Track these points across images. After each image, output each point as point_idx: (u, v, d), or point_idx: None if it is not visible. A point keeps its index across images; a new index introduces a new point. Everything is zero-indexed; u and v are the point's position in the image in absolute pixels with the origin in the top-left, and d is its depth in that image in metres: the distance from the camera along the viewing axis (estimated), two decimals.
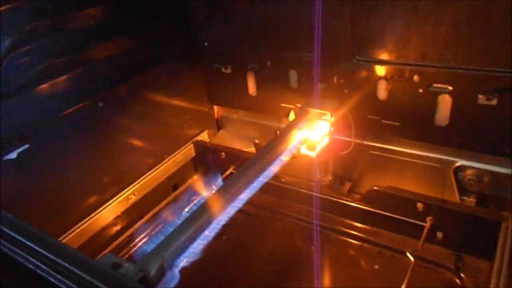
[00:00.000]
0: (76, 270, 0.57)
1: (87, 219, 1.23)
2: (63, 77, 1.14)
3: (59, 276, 0.58)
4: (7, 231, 0.64)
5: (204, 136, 1.63)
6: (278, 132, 1.02)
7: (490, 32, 1.01)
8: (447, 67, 1.10)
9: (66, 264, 0.59)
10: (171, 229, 0.78)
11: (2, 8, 1.01)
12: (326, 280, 1.20)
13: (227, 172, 1.42)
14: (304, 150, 1.10)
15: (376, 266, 1.19)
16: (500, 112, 1.07)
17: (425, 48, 1.11)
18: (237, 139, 1.64)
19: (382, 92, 1.23)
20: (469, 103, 1.10)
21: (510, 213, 1.05)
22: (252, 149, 1.59)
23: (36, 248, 0.61)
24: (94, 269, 0.58)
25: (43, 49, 1.10)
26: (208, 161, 1.54)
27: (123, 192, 1.33)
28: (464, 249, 1.14)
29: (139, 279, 0.62)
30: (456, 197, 1.24)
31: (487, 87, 1.06)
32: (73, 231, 1.19)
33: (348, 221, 1.31)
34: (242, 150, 1.52)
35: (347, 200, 1.31)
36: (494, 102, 1.06)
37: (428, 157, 1.27)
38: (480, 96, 1.07)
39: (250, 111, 1.59)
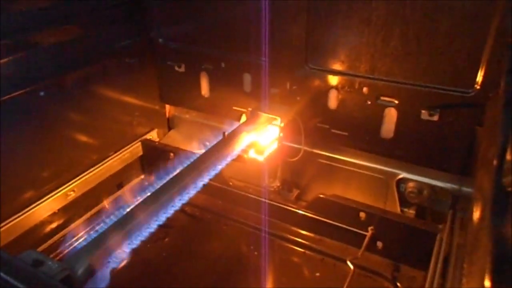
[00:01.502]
0: None
1: (19, 214, 1.16)
2: (3, 61, 1.07)
3: None
4: None
5: (153, 135, 1.59)
6: (225, 133, 1.00)
7: (435, 50, 1.05)
8: (394, 81, 1.14)
9: None
10: (106, 227, 0.74)
11: None
12: (268, 286, 1.20)
13: (175, 173, 1.38)
14: (252, 154, 1.09)
15: (318, 274, 1.20)
16: (441, 128, 1.12)
17: (375, 61, 1.14)
18: (187, 140, 1.61)
19: (332, 101, 1.25)
20: (413, 118, 1.14)
21: (445, 225, 1.09)
22: (203, 151, 1.56)
23: None
24: (12, 266, 0.54)
25: None
26: (156, 161, 1.49)
27: (62, 188, 1.27)
28: (402, 259, 1.17)
29: (62, 278, 0.57)
30: (398, 208, 1.28)
31: (430, 103, 1.10)
32: (3, 225, 1.12)
33: (293, 228, 1.32)
34: (191, 152, 1.49)
35: (293, 207, 1.31)
36: (435, 118, 1.11)
37: (373, 168, 1.30)
38: (423, 111, 1.11)
39: (202, 112, 1.56)
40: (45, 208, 1.22)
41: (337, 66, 1.21)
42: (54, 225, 1.26)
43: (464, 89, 1.05)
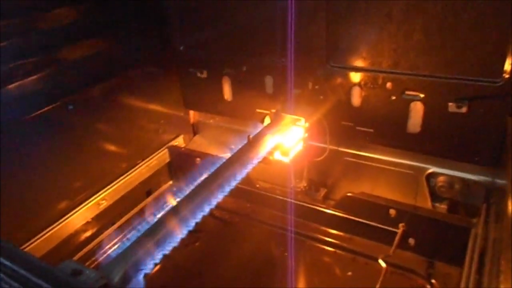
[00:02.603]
0: (33, 278, 0.55)
1: (55, 225, 1.19)
2: (32, 78, 1.11)
3: (16, 284, 0.55)
4: None
5: (179, 141, 1.61)
6: (250, 136, 1.01)
7: (459, 42, 1.03)
8: (418, 75, 1.12)
9: (23, 272, 0.56)
10: (139, 234, 0.76)
11: None
12: (301, 287, 1.20)
13: (202, 178, 1.40)
14: (278, 156, 1.09)
15: (350, 273, 1.19)
16: (470, 120, 1.09)
17: (398, 56, 1.12)
18: (213, 145, 1.63)
19: (356, 98, 1.23)
20: (440, 111, 1.12)
21: (479, 219, 1.06)
22: (229, 155, 1.57)
23: None
24: (53, 276, 0.56)
25: (11, 49, 1.07)
26: (183, 166, 1.52)
27: (94, 197, 1.30)
28: (435, 255, 1.15)
29: (100, 287, 0.59)
30: (429, 204, 1.25)
31: (457, 95, 1.08)
32: (41, 236, 1.16)
33: (322, 228, 1.31)
34: (217, 156, 1.50)
35: (321, 207, 1.31)
36: (464, 109, 1.08)
37: (401, 163, 1.28)
38: (450, 103, 1.09)
39: (225, 116, 1.57)
40: (79, 217, 1.26)
41: (359, 63, 1.19)
42: (88, 233, 1.30)
43: (492, 79, 1.02)
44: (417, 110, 1.16)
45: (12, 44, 1.06)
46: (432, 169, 1.23)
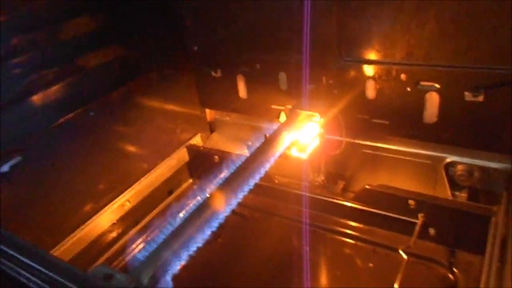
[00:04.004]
0: (68, 284, 0.58)
1: (82, 227, 1.24)
2: (54, 88, 1.15)
3: None
4: None
5: (197, 140, 1.64)
6: (267, 135, 1.03)
7: (474, 30, 1.02)
8: (433, 65, 1.11)
9: (58, 278, 0.59)
10: (164, 236, 0.79)
11: None
12: (323, 279, 1.22)
13: (221, 176, 1.42)
14: (294, 153, 1.11)
15: (371, 264, 1.20)
16: (487, 108, 1.08)
17: (411, 47, 1.12)
18: (230, 141, 1.65)
19: (370, 91, 1.24)
20: (457, 100, 1.11)
21: (500, 207, 1.06)
22: (246, 151, 1.59)
23: (28, 261, 0.62)
24: (86, 282, 0.59)
25: (34, 60, 1.11)
26: (202, 164, 1.54)
27: (118, 198, 1.34)
28: (457, 244, 1.15)
29: None
30: (448, 193, 1.25)
31: (473, 84, 1.07)
32: (69, 239, 1.20)
33: (342, 220, 1.33)
34: (235, 153, 1.53)
35: (340, 200, 1.32)
36: (480, 98, 1.08)
37: (418, 154, 1.28)
38: (466, 92, 1.08)
39: (241, 113, 1.59)
40: (105, 219, 1.30)
41: (372, 56, 1.19)
42: (114, 234, 1.34)
43: (508, 66, 1.01)
44: (432, 101, 1.15)
45: (34, 56, 1.10)
46: (450, 158, 1.23)
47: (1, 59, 1.04)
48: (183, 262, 0.78)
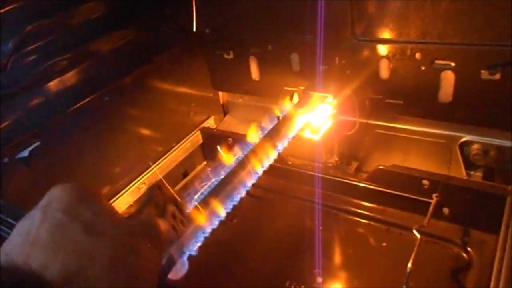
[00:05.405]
0: None
1: None
2: (69, 74, 1.16)
3: None
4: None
5: (210, 123, 1.65)
6: (280, 117, 1.03)
7: (490, 7, 1.00)
8: (448, 43, 1.09)
9: None
10: None
11: (3, 10, 1.02)
12: (336, 259, 1.23)
13: (235, 158, 1.44)
14: (307, 134, 1.11)
15: (384, 244, 1.21)
16: (503, 86, 1.07)
17: (426, 25, 1.10)
18: (243, 123, 1.66)
19: (384, 71, 1.22)
20: (472, 79, 1.09)
21: None
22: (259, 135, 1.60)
23: None
24: None
25: (47, 47, 1.12)
26: (216, 147, 1.55)
27: (134, 181, 1.37)
28: (471, 224, 1.15)
29: None
30: (463, 172, 1.25)
31: (490, 62, 1.05)
32: None
33: (355, 201, 1.33)
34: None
35: (353, 180, 1.32)
36: (497, 76, 1.06)
37: (433, 133, 1.27)
38: (482, 71, 1.07)
39: (254, 95, 1.59)
40: (122, 201, 1.33)
41: (386, 35, 1.18)
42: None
43: None
44: (448, 79, 1.14)
45: (47, 43, 1.11)
46: (465, 137, 1.22)
47: (17, 47, 1.06)
48: (199, 243, 0.80)
